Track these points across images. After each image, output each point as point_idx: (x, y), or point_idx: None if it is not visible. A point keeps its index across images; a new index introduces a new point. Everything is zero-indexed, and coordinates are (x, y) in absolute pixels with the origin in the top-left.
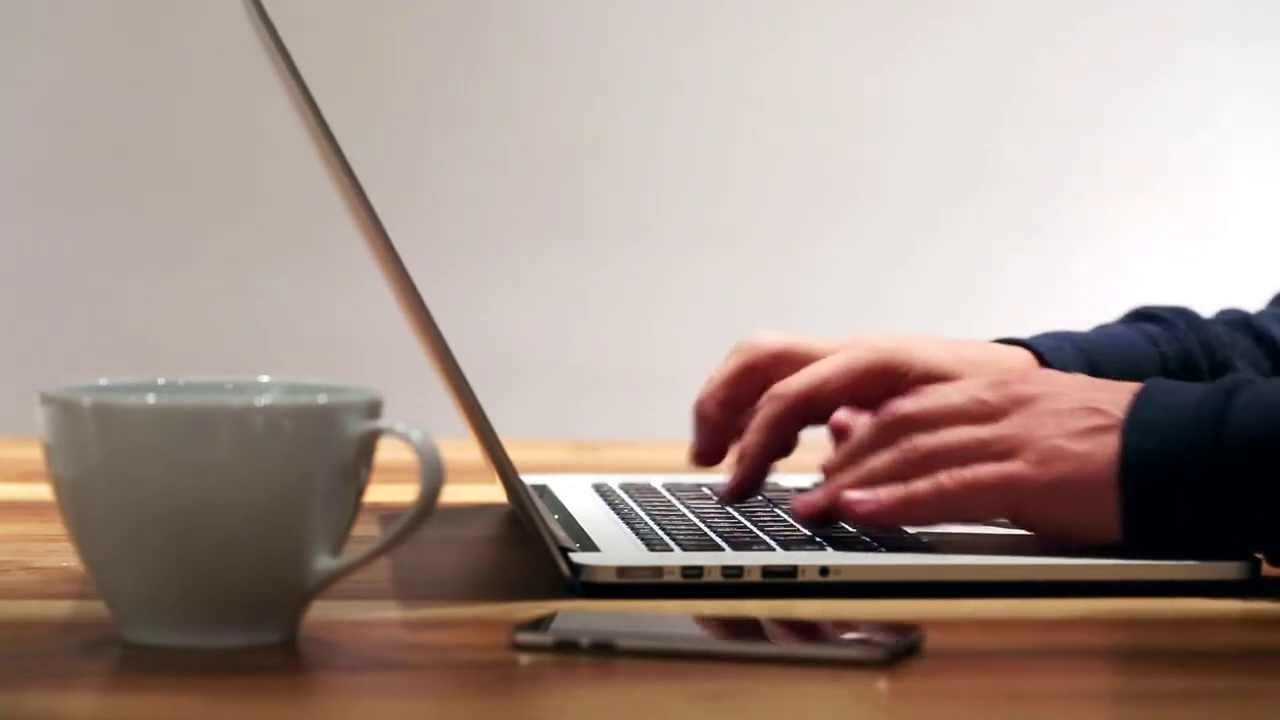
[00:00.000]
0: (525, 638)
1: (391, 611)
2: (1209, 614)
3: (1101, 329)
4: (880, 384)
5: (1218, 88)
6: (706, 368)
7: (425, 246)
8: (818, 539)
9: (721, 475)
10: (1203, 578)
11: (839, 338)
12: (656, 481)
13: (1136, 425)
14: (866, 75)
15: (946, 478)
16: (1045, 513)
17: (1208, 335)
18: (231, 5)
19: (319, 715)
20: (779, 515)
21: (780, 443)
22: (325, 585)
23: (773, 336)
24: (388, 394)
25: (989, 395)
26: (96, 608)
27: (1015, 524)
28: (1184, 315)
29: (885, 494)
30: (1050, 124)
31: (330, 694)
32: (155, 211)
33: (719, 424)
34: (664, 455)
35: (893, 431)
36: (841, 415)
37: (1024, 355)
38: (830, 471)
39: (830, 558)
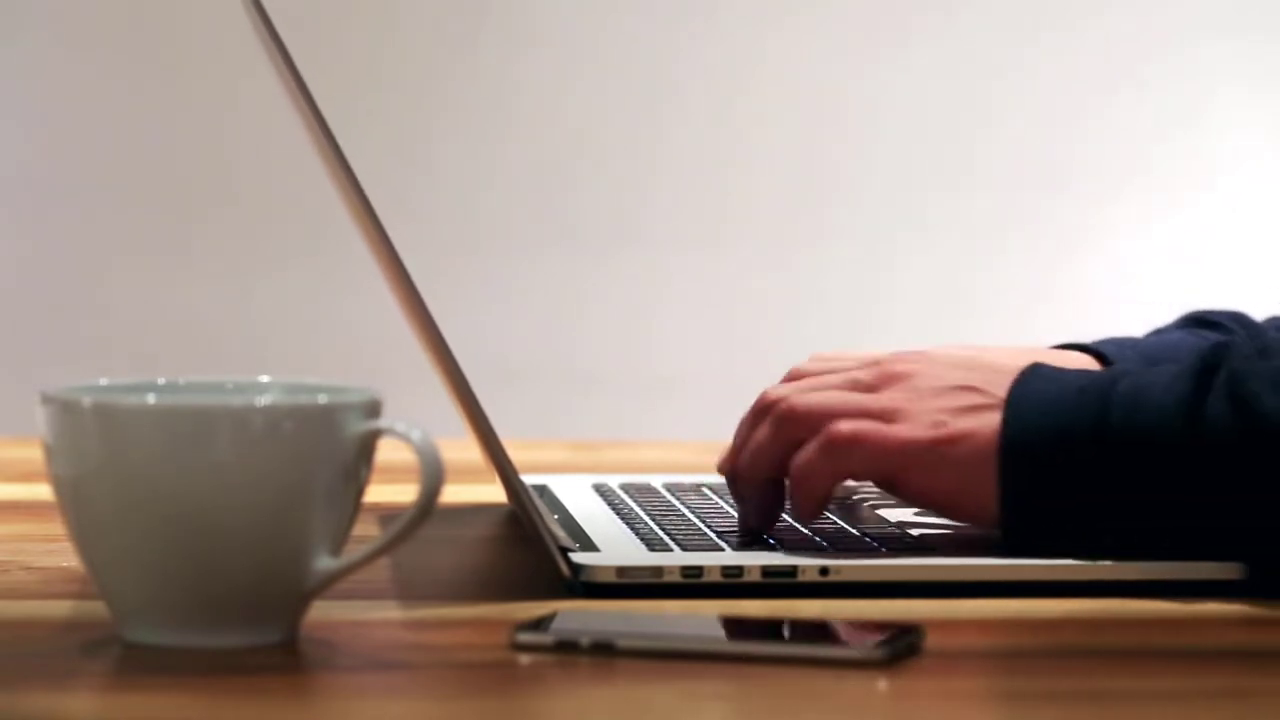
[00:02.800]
0: (525, 638)
1: (391, 611)
2: (1208, 614)
3: (1159, 334)
4: None
5: (1210, 84)
6: (706, 368)
7: (425, 247)
8: (818, 539)
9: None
10: (1202, 578)
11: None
12: (656, 481)
13: (1018, 404)
14: (860, 75)
15: (834, 429)
16: (928, 481)
17: (1264, 341)
18: (231, 5)
19: (319, 715)
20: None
21: None
22: (325, 585)
23: (843, 350)
24: (388, 394)
25: (861, 374)
26: (96, 608)
27: (894, 491)
28: (1240, 320)
29: (797, 495)
30: (1044, 122)
31: (330, 694)
32: (155, 211)
33: None
34: (664, 455)
35: (766, 412)
36: None
37: (1089, 360)
38: (722, 469)
39: (830, 558)
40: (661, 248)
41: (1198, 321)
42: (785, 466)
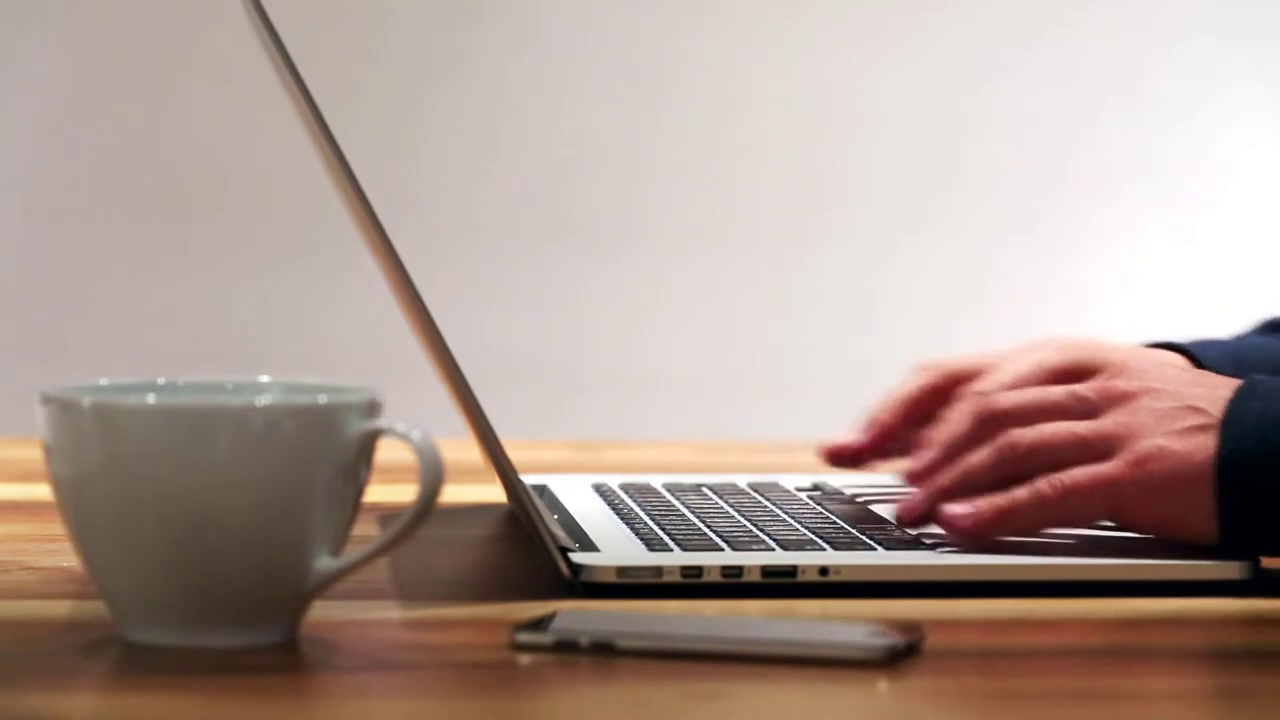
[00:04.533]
0: (525, 638)
1: (391, 611)
2: (1209, 614)
3: (1239, 338)
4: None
5: (1208, 82)
6: (706, 368)
7: (425, 247)
8: (818, 539)
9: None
10: (1203, 578)
11: (1021, 345)
12: (656, 481)
13: (1233, 425)
14: (857, 76)
15: (1046, 485)
16: (1143, 512)
17: None
18: (231, 5)
19: (319, 715)
20: (779, 515)
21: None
22: (325, 585)
23: (955, 357)
24: (388, 394)
25: (1087, 391)
26: (96, 608)
27: (1115, 524)
28: None
29: (986, 506)
30: (1042, 122)
31: (330, 694)
32: (155, 211)
33: (893, 433)
34: (664, 455)
35: (989, 426)
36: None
37: (1184, 362)
38: (928, 470)
39: (830, 558)
40: (661, 248)
41: (1274, 328)
42: (993, 490)
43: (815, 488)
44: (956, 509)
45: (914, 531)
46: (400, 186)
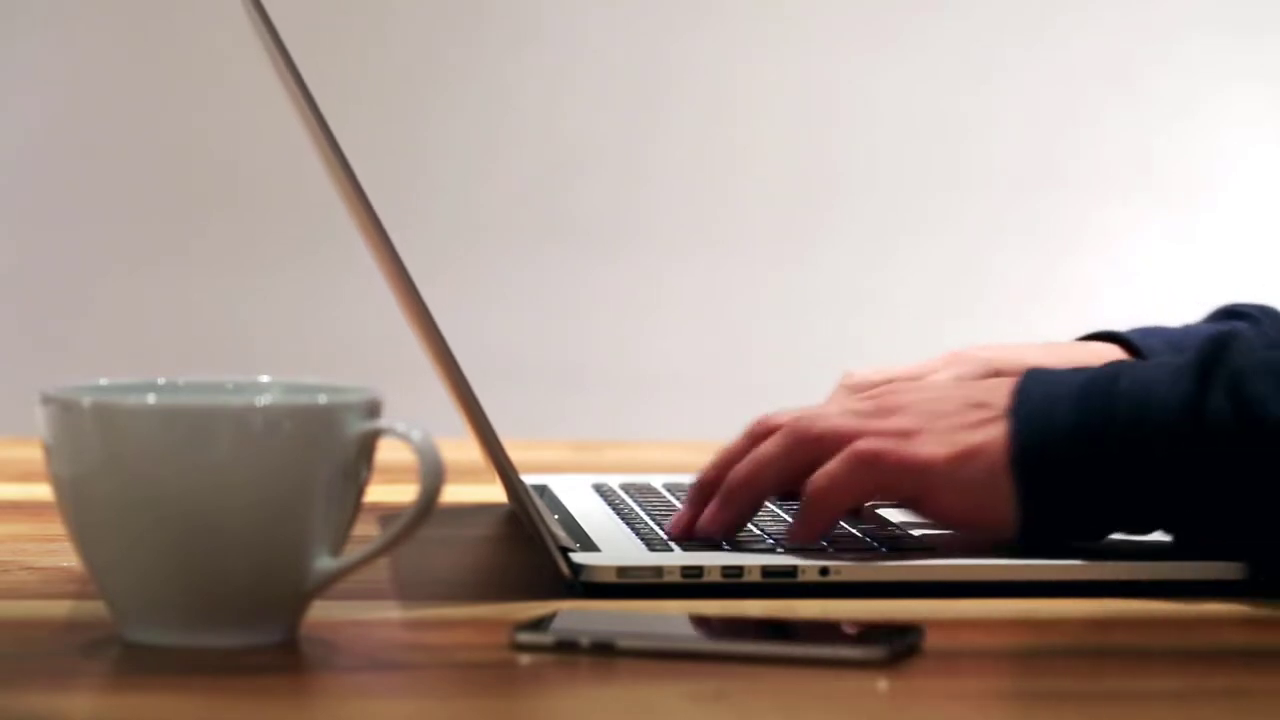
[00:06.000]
0: (525, 638)
1: (391, 611)
2: (1209, 614)
3: (1188, 326)
4: None
5: (1207, 82)
6: (706, 368)
7: (425, 247)
8: (824, 543)
9: None
10: (1203, 578)
11: (933, 359)
12: (656, 481)
13: (1023, 411)
14: (855, 76)
15: (860, 445)
16: (949, 499)
17: None
18: (231, 5)
19: (319, 715)
20: (779, 515)
21: None
22: (325, 585)
23: (869, 370)
24: (388, 394)
25: (861, 405)
26: (96, 608)
27: (914, 510)
28: (1268, 312)
29: (806, 509)
30: (1041, 122)
31: (330, 694)
32: (155, 212)
33: None
34: (664, 455)
35: (763, 436)
36: None
37: (1119, 352)
38: (705, 482)
39: (830, 558)
40: (662, 248)
41: (1228, 314)
42: (787, 483)
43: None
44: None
45: (915, 532)
46: (400, 186)
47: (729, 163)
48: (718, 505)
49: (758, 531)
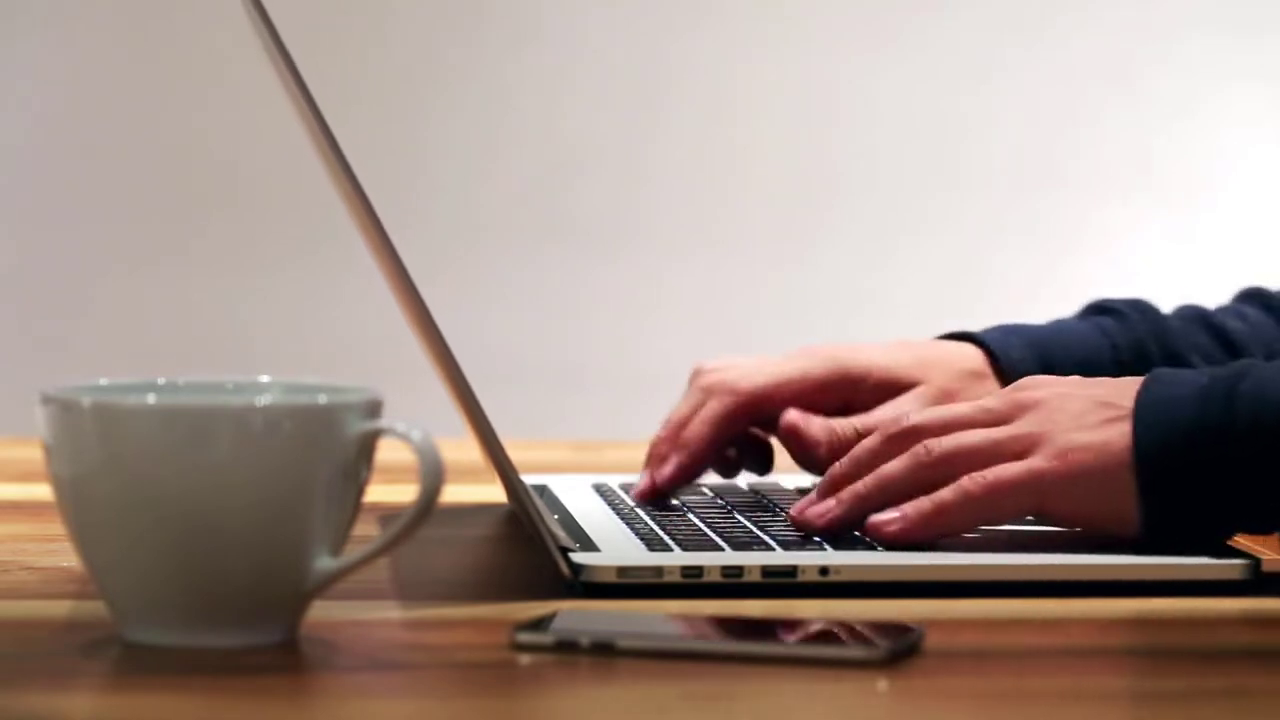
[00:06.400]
0: (525, 638)
1: (391, 611)
2: (1209, 614)
3: (1055, 323)
4: (838, 391)
5: (1206, 82)
6: None
7: (425, 247)
8: (817, 539)
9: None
10: (1203, 578)
11: (787, 353)
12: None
13: (1146, 411)
14: (855, 75)
15: (969, 482)
16: (1068, 505)
17: (1162, 327)
18: (231, 5)
19: (319, 715)
20: (779, 515)
21: (726, 439)
22: (325, 585)
23: (717, 363)
24: (388, 394)
25: (996, 404)
26: (96, 608)
27: (1040, 519)
28: (1139, 307)
29: (911, 510)
30: (1041, 121)
31: (330, 694)
32: (155, 211)
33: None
34: None
35: (903, 441)
36: (793, 415)
37: (973, 351)
38: (839, 480)
39: (830, 558)
40: (662, 247)
41: (1098, 310)
42: (908, 498)
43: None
44: (883, 516)
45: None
46: (400, 186)
47: (729, 163)
48: (839, 509)
49: (758, 532)
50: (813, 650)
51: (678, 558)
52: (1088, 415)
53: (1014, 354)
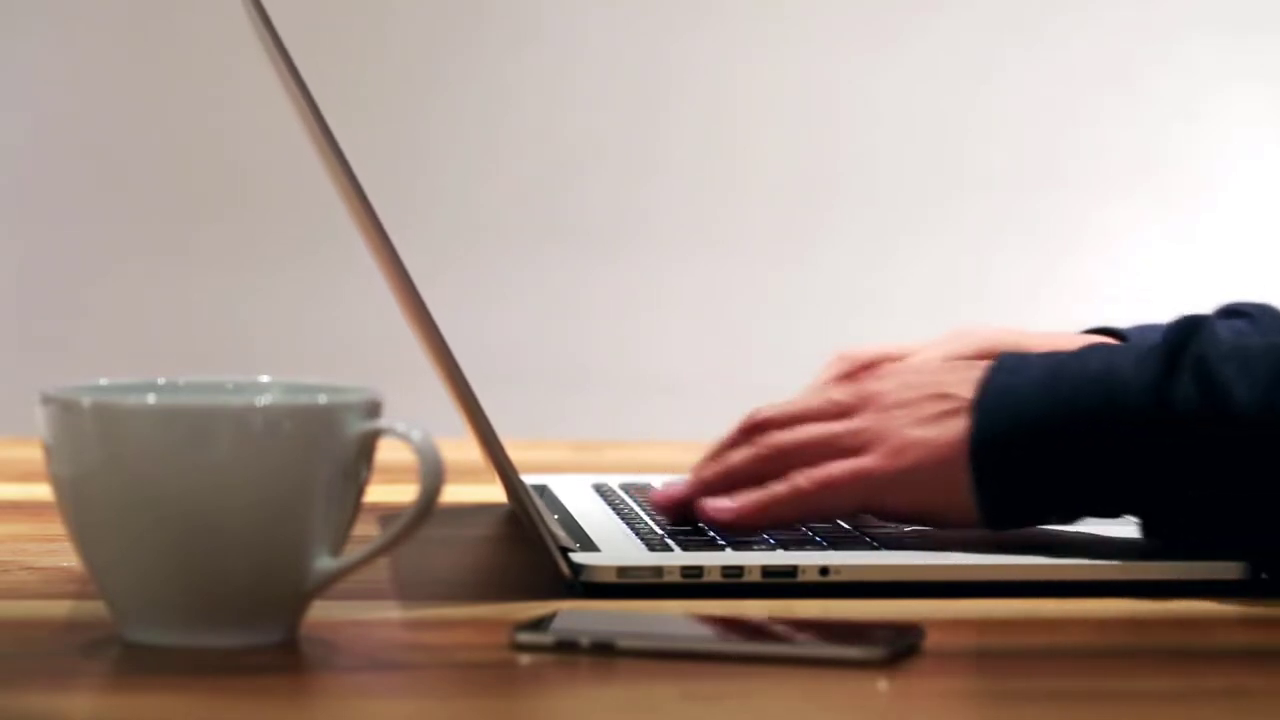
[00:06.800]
0: (525, 638)
1: (391, 611)
2: (1209, 614)
3: None
4: None
5: (1208, 81)
6: (706, 368)
7: (425, 247)
8: (818, 539)
9: None
10: (1203, 578)
11: (937, 337)
12: (656, 481)
13: (983, 404)
14: (855, 75)
15: (801, 477)
16: (900, 502)
17: None
18: (231, 5)
19: (319, 715)
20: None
21: None
22: (325, 585)
23: (868, 345)
24: (388, 394)
25: (840, 394)
26: (96, 608)
27: (875, 516)
28: (1268, 311)
29: (745, 499)
30: (1042, 121)
31: (330, 694)
32: (155, 211)
33: None
34: (664, 455)
35: (751, 432)
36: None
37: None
38: (696, 468)
39: (830, 558)
40: (662, 247)
41: (1228, 313)
42: (749, 487)
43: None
44: (717, 502)
45: (909, 529)
46: (400, 186)
47: (729, 163)
48: (682, 489)
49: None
50: (813, 650)
51: (678, 558)
52: (925, 408)
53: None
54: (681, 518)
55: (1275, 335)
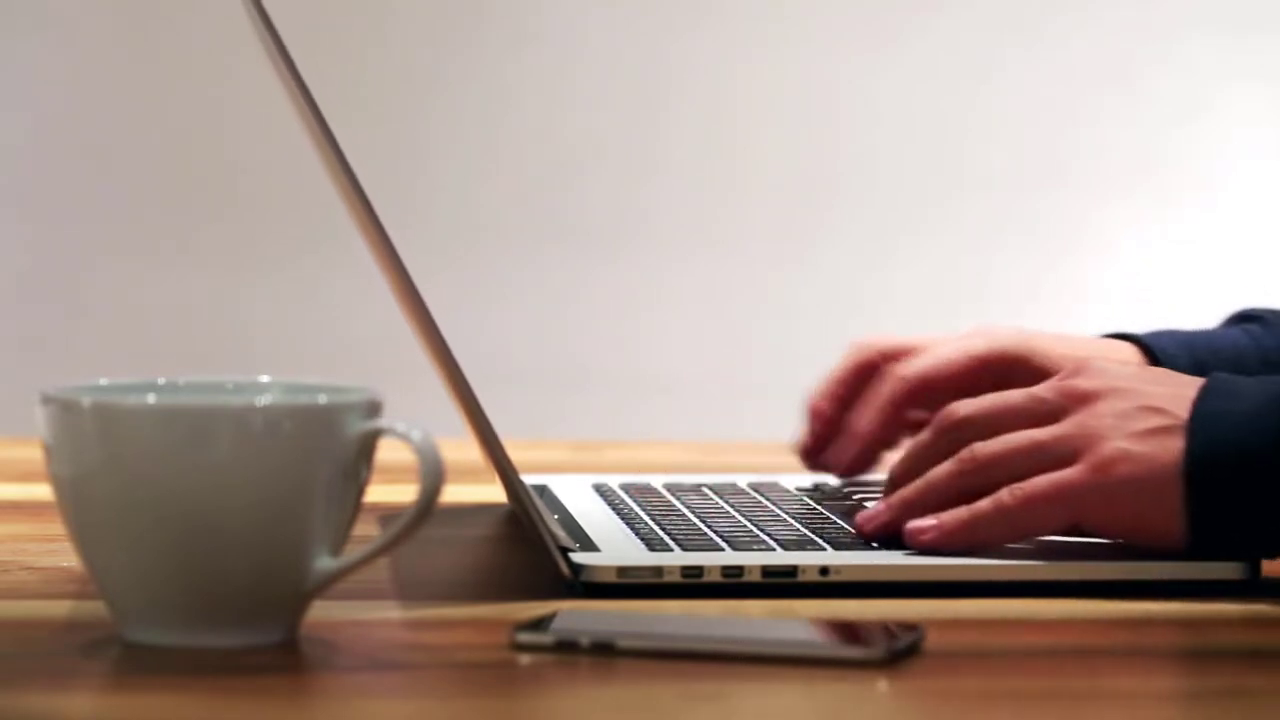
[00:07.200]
0: (525, 638)
1: (391, 611)
2: (1209, 614)
3: (1203, 330)
4: (998, 374)
5: (1209, 81)
6: (705, 367)
7: (425, 246)
8: (818, 539)
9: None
10: (1203, 578)
11: (957, 333)
12: (656, 481)
13: (1199, 425)
14: (856, 75)
15: (1007, 495)
16: (1108, 518)
17: None
18: (231, 5)
19: (319, 715)
20: (779, 515)
21: (896, 424)
22: (325, 585)
23: (886, 336)
24: (388, 394)
25: (1047, 394)
26: (96, 608)
27: (1079, 532)
28: None
29: (949, 519)
30: (1042, 121)
31: (330, 694)
32: (155, 211)
33: (832, 420)
34: (664, 455)
35: (951, 436)
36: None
37: (1130, 349)
38: (896, 479)
39: (830, 558)
40: (662, 248)
41: (1243, 318)
42: (958, 502)
43: (815, 488)
44: (920, 523)
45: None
46: (400, 186)
47: (729, 163)
48: (886, 514)
49: (758, 532)
50: (813, 650)
51: (678, 558)
52: (1138, 421)
53: (1169, 351)
54: (887, 540)
55: None
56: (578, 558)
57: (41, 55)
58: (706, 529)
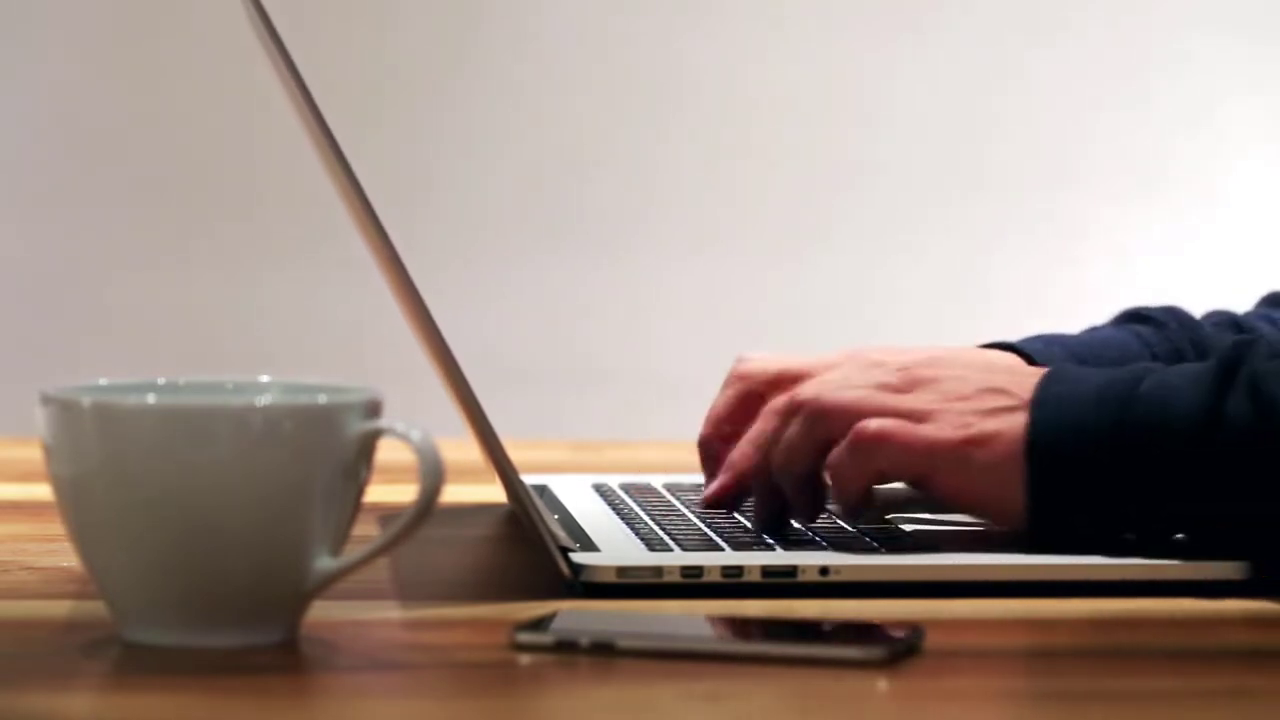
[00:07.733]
0: (525, 638)
1: (391, 611)
2: (1209, 614)
3: (1092, 331)
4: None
5: (1218, 84)
6: (706, 367)
7: (425, 247)
8: (817, 538)
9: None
10: (1203, 578)
11: (829, 353)
12: (656, 481)
13: (1042, 405)
14: (862, 75)
15: (863, 426)
16: (955, 486)
17: (1199, 335)
18: (231, 5)
19: (319, 715)
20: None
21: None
22: (325, 585)
23: (765, 359)
24: (388, 394)
25: (891, 378)
26: (96, 608)
27: (922, 489)
28: (1175, 315)
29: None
30: (1047, 122)
31: (330, 694)
32: (155, 211)
33: (720, 458)
34: (664, 455)
35: (794, 414)
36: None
37: (1014, 359)
38: (736, 459)
39: (830, 558)
40: (662, 248)
41: (1133, 318)
42: (819, 463)
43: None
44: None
45: (910, 528)
46: (400, 186)
47: (731, 163)
48: (763, 496)
49: (759, 533)
50: (813, 650)
51: (678, 558)
52: (982, 401)
53: (1051, 356)
54: (734, 503)
55: (1181, 337)
56: (578, 558)
57: (45, 55)
58: (706, 529)
